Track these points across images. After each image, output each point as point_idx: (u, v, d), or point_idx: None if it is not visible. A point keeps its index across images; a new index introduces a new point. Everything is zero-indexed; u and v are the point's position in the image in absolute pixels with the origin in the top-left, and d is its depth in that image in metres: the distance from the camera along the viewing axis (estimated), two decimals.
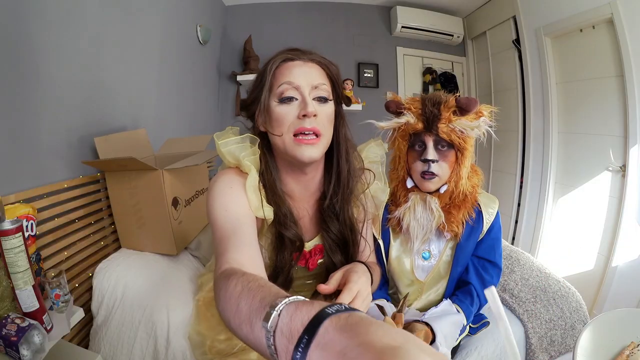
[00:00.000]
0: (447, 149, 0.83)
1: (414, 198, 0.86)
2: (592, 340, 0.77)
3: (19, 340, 0.67)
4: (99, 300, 1.08)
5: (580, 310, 1.14)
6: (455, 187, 0.84)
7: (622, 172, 1.78)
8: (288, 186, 0.77)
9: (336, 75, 0.73)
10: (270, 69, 0.69)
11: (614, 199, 1.84)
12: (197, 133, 2.22)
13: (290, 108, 0.67)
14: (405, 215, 0.86)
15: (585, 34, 1.93)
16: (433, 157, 0.82)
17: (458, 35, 2.96)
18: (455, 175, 0.84)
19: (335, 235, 0.78)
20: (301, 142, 0.67)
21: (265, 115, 0.69)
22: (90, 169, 1.20)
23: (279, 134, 0.68)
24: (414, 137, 0.85)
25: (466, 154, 0.83)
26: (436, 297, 0.93)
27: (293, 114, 0.67)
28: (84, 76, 1.19)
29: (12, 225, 0.69)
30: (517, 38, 2.44)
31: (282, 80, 0.68)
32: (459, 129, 0.80)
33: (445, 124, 0.80)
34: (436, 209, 0.84)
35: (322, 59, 0.72)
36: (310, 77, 0.68)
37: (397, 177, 0.90)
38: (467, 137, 0.81)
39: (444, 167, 0.83)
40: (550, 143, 2.23)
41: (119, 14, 1.38)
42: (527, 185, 2.42)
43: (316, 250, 0.80)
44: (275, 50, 0.72)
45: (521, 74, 2.47)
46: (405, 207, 0.86)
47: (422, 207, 0.85)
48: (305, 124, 0.66)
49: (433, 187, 0.84)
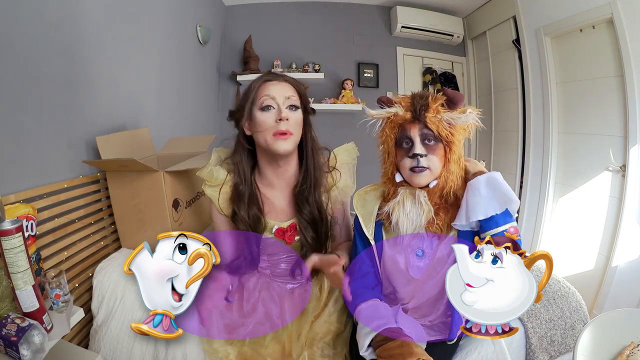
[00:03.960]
0: (435, 142, 0.82)
1: (403, 192, 0.86)
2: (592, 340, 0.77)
3: (19, 340, 0.67)
4: (99, 300, 1.08)
5: (580, 310, 1.14)
6: (445, 182, 0.84)
7: (622, 172, 1.78)
8: (268, 178, 1.00)
9: (303, 92, 0.97)
10: (254, 87, 0.93)
11: (614, 199, 1.84)
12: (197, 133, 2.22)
13: (269, 115, 0.91)
14: (395, 209, 0.86)
15: (585, 34, 1.93)
16: (421, 151, 0.81)
17: (458, 35, 2.96)
18: (446, 170, 0.84)
19: (307, 215, 0.99)
20: (278, 138, 0.90)
21: (250, 121, 0.93)
22: (91, 169, 1.20)
23: (262, 135, 0.91)
24: (401, 133, 0.85)
25: (454, 149, 0.82)
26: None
27: (272, 119, 0.90)
28: (83, 75, 1.19)
29: (12, 225, 0.69)
30: (517, 38, 2.44)
31: (263, 94, 0.91)
32: (446, 119, 0.80)
33: (433, 114, 0.81)
34: (425, 203, 0.84)
35: (292, 80, 0.96)
36: (283, 91, 0.92)
37: (385, 173, 0.91)
38: (454, 130, 0.81)
39: (434, 160, 0.82)
40: (550, 143, 2.23)
41: (119, 13, 1.38)
42: (527, 185, 2.42)
43: (291, 227, 1.01)
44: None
45: (521, 74, 2.47)
46: (395, 201, 0.87)
47: (412, 201, 0.85)
48: (281, 127, 0.90)
49: (424, 181, 0.83)
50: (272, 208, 1.02)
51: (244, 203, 0.97)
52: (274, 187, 1.02)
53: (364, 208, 0.95)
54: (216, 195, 1.00)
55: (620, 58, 1.71)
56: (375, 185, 0.99)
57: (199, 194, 1.39)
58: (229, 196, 1.00)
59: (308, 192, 0.98)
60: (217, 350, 0.94)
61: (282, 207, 1.02)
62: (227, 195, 1.00)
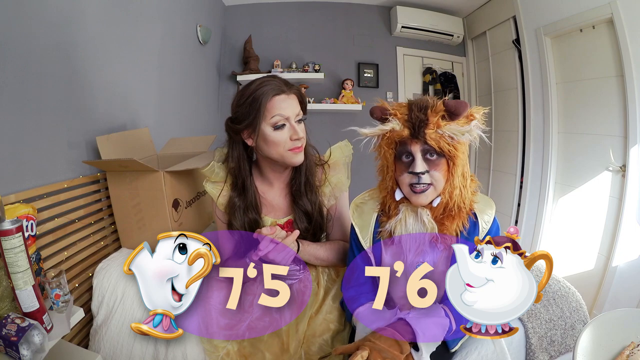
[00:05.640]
0: (437, 157, 0.77)
1: (405, 210, 0.82)
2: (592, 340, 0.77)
3: (19, 340, 0.67)
4: (99, 300, 1.08)
5: (580, 310, 1.14)
6: (449, 198, 0.78)
7: (622, 172, 1.78)
8: (269, 179, 1.05)
9: (304, 99, 1.00)
10: (261, 101, 0.91)
11: (614, 199, 1.84)
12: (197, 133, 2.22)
13: (283, 133, 0.94)
14: (397, 228, 0.82)
15: (585, 34, 1.93)
16: (422, 169, 0.76)
17: (458, 35, 2.97)
18: (450, 186, 0.78)
19: (303, 206, 1.03)
20: (294, 152, 0.96)
21: (260, 137, 0.94)
22: (91, 169, 1.20)
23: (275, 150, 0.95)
24: (400, 147, 0.79)
25: (458, 162, 0.77)
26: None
27: (286, 136, 0.94)
28: (83, 75, 1.19)
29: (12, 225, 0.69)
30: (517, 38, 2.44)
31: (275, 113, 0.92)
32: (448, 134, 0.74)
33: (433, 129, 0.74)
34: (428, 221, 0.80)
35: (297, 91, 0.98)
36: (293, 108, 0.94)
37: (385, 188, 0.86)
38: (457, 144, 0.75)
39: (437, 176, 0.77)
40: (550, 143, 2.23)
41: (119, 13, 1.38)
42: (527, 185, 2.42)
43: (288, 223, 1.05)
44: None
45: (521, 74, 2.47)
46: (396, 219, 0.82)
47: (414, 218, 0.81)
48: (297, 144, 0.95)
49: (425, 201, 0.78)
50: (270, 206, 1.06)
51: (239, 214, 1.01)
52: (272, 186, 1.06)
53: (360, 219, 0.91)
54: (216, 193, 1.03)
55: (620, 58, 1.71)
56: (372, 191, 0.95)
57: (199, 194, 1.39)
58: (227, 200, 1.03)
59: (304, 186, 1.02)
60: (217, 347, 0.94)
61: (279, 205, 1.06)
62: (226, 197, 1.03)
